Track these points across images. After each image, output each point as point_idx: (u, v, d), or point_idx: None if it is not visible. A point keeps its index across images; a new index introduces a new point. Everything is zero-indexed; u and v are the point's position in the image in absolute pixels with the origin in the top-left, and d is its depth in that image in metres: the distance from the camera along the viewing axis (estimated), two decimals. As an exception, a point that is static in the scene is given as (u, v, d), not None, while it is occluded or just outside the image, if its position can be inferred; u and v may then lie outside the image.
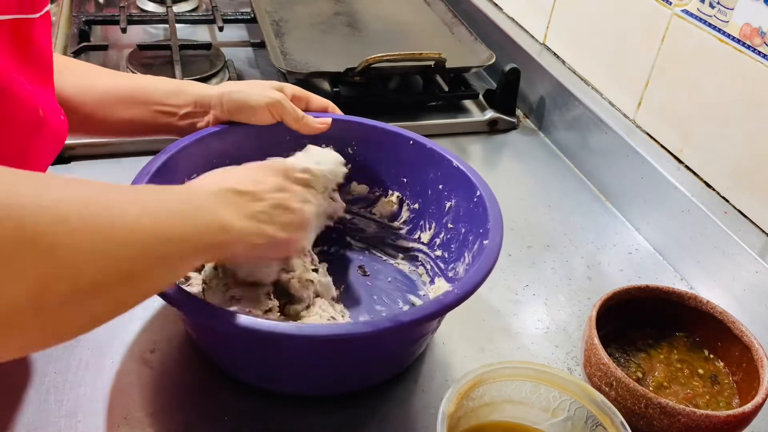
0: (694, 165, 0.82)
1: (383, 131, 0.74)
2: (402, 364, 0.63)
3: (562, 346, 0.69)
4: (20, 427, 0.55)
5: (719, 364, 0.63)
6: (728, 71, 0.75)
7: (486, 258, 0.58)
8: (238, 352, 0.59)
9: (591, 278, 0.78)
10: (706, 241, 0.76)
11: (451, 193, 0.70)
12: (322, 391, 0.61)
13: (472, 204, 0.66)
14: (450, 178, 0.70)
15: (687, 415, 0.53)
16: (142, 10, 1.23)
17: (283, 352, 0.57)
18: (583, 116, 0.95)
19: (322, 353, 0.57)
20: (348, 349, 0.57)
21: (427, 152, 0.72)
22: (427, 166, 0.72)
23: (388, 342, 0.58)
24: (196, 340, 0.63)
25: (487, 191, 0.66)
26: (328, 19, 1.15)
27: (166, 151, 0.65)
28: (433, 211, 0.72)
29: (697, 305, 0.64)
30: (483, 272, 0.56)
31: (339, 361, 0.58)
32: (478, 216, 0.65)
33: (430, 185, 0.72)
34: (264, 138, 0.70)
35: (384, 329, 0.51)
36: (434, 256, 0.72)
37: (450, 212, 0.70)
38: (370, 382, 0.62)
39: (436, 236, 0.72)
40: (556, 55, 1.05)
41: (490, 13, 1.19)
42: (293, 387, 0.61)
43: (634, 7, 0.87)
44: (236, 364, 0.61)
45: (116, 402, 0.58)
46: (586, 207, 0.90)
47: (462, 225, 0.68)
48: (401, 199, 0.75)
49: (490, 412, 0.54)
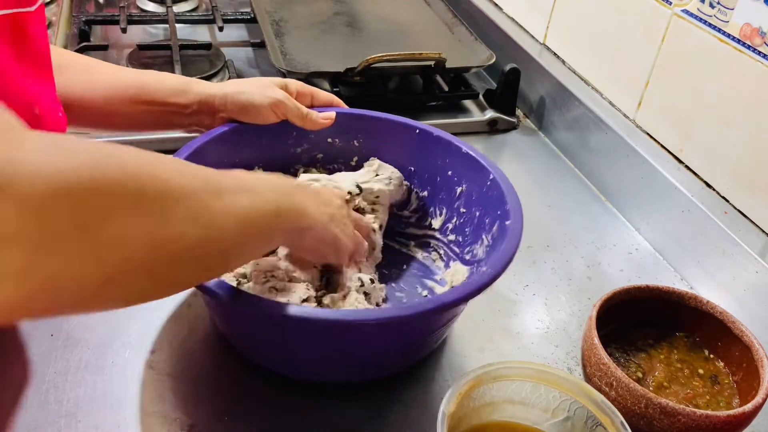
0: (694, 165, 0.82)
1: (389, 122, 0.74)
2: (429, 349, 0.65)
3: (562, 346, 0.69)
4: (20, 427, 0.55)
5: (719, 364, 0.63)
6: (728, 71, 0.75)
7: (511, 236, 0.60)
8: (270, 339, 0.60)
9: (591, 278, 0.78)
10: (706, 241, 0.76)
11: (462, 178, 0.71)
12: (344, 378, 0.62)
13: (485, 188, 0.68)
14: (459, 164, 0.71)
15: (687, 415, 0.53)
16: (142, 10, 1.23)
17: (327, 338, 0.58)
18: (583, 116, 0.95)
19: (360, 338, 0.58)
20: (392, 332, 0.58)
21: (433, 140, 0.73)
22: (435, 154, 0.73)
23: (428, 323, 0.59)
24: (220, 324, 0.63)
25: (499, 174, 0.67)
26: (328, 19, 1.15)
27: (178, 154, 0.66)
28: (443, 197, 0.74)
29: (697, 305, 0.64)
30: (511, 250, 0.58)
31: (378, 345, 0.60)
32: (493, 199, 0.66)
33: (438, 172, 0.73)
34: (270, 136, 0.72)
35: (429, 310, 0.53)
36: (447, 241, 0.73)
37: (461, 197, 0.72)
38: (398, 369, 0.63)
39: (448, 221, 0.73)
40: (556, 55, 1.05)
41: (490, 13, 1.19)
42: (317, 372, 0.62)
43: (634, 7, 0.87)
44: (264, 351, 0.62)
45: (116, 402, 0.58)
46: (586, 207, 0.90)
47: (476, 209, 0.70)
48: (409, 188, 0.76)
49: (490, 412, 0.54)
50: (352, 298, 0.62)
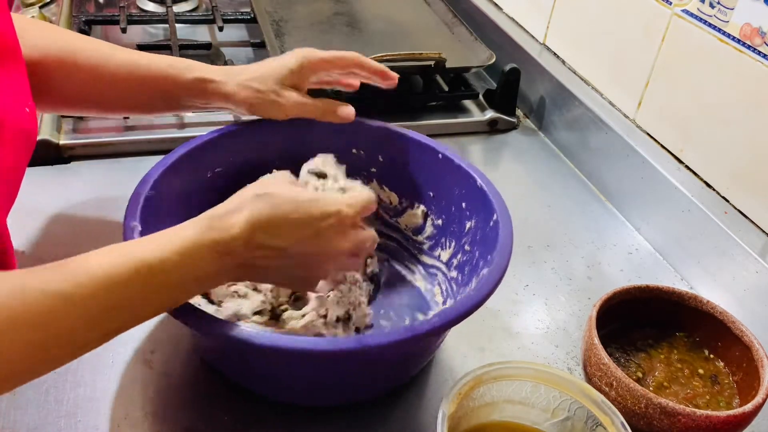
0: (694, 165, 0.81)
1: (415, 142, 0.72)
2: (398, 378, 0.62)
3: (562, 346, 0.69)
4: (20, 427, 0.55)
5: (719, 364, 0.63)
6: (728, 71, 0.75)
7: (468, 298, 0.54)
8: (232, 361, 0.59)
9: (591, 278, 0.78)
10: (706, 241, 0.76)
11: (473, 213, 0.68)
12: (301, 402, 0.60)
13: (488, 228, 0.64)
14: (473, 198, 0.68)
15: (687, 415, 0.53)
16: (142, 10, 1.22)
17: (259, 361, 0.56)
18: (583, 116, 0.95)
19: (293, 366, 0.55)
20: (318, 365, 0.55)
21: (454, 168, 0.69)
22: (453, 183, 0.70)
23: (352, 362, 0.55)
24: (199, 347, 0.63)
25: (503, 217, 0.63)
26: (328, 19, 1.15)
27: (186, 145, 0.66)
28: (455, 230, 0.70)
29: (697, 305, 0.64)
30: (459, 310, 0.53)
31: (320, 374, 0.57)
32: (490, 241, 0.62)
33: (454, 202, 0.70)
34: (291, 138, 0.70)
35: (345, 350, 0.50)
36: (450, 277, 0.70)
37: (469, 233, 0.68)
38: (356, 397, 0.61)
39: (454, 257, 0.70)
40: (556, 55, 1.05)
41: (490, 13, 1.19)
42: (279, 396, 0.60)
43: (634, 7, 0.87)
44: (236, 373, 0.60)
45: (116, 402, 0.58)
46: (586, 207, 0.90)
47: (477, 248, 0.66)
48: (426, 213, 0.73)
49: (490, 412, 0.54)
50: (306, 319, 0.60)
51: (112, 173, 0.84)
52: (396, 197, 0.75)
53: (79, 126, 0.89)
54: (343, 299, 0.62)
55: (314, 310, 0.60)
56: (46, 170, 0.84)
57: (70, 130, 0.88)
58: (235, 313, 0.60)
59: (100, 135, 0.88)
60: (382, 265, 0.74)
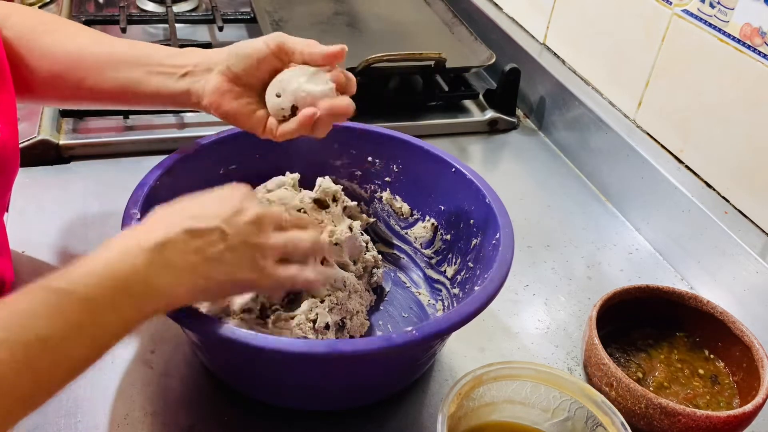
0: (694, 165, 0.81)
1: (428, 153, 0.71)
2: (393, 384, 0.61)
3: (562, 346, 0.69)
4: (20, 427, 0.55)
5: (719, 364, 0.63)
6: (728, 71, 0.75)
7: (457, 312, 0.54)
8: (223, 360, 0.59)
9: (591, 278, 0.78)
10: (706, 241, 0.76)
11: (479, 230, 0.67)
12: (292, 405, 0.60)
13: (491, 246, 0.63)
14: (480, 214, 0.67)
15: (687, 415, 0.53)
16: (142, 10, 1.22)
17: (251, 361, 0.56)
18: (583, 116, 0.95)
19: (284, 369, 0.55)
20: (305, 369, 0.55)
21: (466, 182, 0.68)
22: (464, 198, 0.69)
23: (336, 367, 0.55)
24: (198, 352, 0.62)
25: (506, 236, 0.61)
26: (328, 19, 1.15)
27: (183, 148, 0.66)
28: (461, 246, 0.69)
29: (697, 305, 0.64)
30: (448, 322, 0.53)
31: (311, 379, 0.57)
32: (491, 260, 0.61)
33: (462, 218, 0.69)
34: (308, 145, 0.68)
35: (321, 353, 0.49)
36: (453, 294, 0.69)
37: (474, 250, 0.67)
38: (347, 404, 0.60)
39: (458, 273, 0.69)
40: (556, 55, 1.05)
41: (490, 13, 1.19)
42: (276, 400, 0.60)
43: (634, 7, 0.87)
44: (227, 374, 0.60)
45: (116, 402, 0.58)
46: (586, 207, 0.90)
47: (479, 266, 0.65)
48: (436, 227, 0.73)
49: (490, 412, 0.54)
50: (294, 322, 0.59)
51: (112, 173, 0.84)
52: (408, 208, 0.75)
53: (79, 126, 0.89)
54: (338, 306, 0.62)
55: (304, 313, 0.59)
56: (46, 170, 0.84)
57: (70, 130, 0.88)
58: (222, 308, 0.60)
59: (100, 135, 0.88)
60: (388, 276, 0.74)
